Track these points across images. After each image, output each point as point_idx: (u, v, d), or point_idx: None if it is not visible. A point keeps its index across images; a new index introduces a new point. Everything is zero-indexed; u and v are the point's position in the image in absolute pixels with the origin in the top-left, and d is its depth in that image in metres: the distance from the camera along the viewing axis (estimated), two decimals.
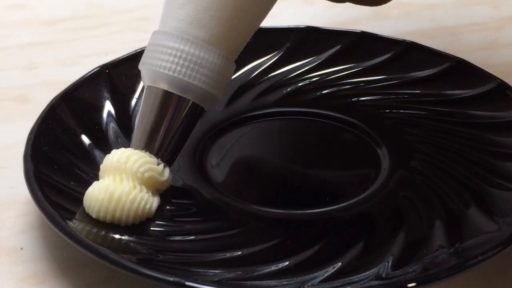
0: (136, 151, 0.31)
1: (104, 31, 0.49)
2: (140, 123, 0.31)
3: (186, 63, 0.30)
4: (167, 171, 0.32)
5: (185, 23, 0.31)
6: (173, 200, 0.32)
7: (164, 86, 0.31)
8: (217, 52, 0.31)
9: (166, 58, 0.31)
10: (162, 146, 0.31)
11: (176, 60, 0.30)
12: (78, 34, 0.49)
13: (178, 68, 0.30)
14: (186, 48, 0.31)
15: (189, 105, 0.31)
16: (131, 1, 0.53)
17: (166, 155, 0.31)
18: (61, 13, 0.51)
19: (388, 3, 0.37)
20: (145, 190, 0.31)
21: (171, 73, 0.31)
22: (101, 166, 0.31)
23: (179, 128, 0.31)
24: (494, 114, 0.36)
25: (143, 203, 0.30)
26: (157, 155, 0.31)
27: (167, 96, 0.31)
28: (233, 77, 0.39)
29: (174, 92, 0.31)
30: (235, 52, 0.32)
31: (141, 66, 0.32)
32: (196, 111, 0.32)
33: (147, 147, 0.31)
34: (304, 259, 0.29)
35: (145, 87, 0.32)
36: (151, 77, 0.31)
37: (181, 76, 0.31)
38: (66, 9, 0.52)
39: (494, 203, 0.31)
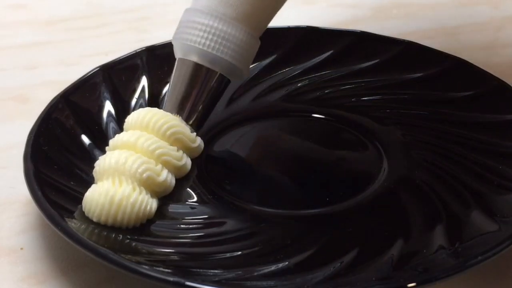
0: (132, 152, 0.31)
1: (104, 31, 0.49)
2: (172, 92, 0.34)
3: (215, 38, 0.33)
4: (165, 172, 0.32)
5: (215, 2, 0.34)
6: (172, 201, 0.32)
7: (194, 58, 0.34)
8: (243, 29, 0.33)
9: (197, 33, 0.33)
10: (191, 113, 0.34)
11: (206, 35, 0.33)
12: (78, 34, 0.49)
13: (208, 43, 0.33)
14: (215, 25, 0.33)
15: (216, 76, 0.34)
16: (131, 1, 0.53)
17: (195, 121, 0.34)
18: (61, 13, 0.52)
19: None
20: (144, 191, 0.31)
21: (201, 46, 0.33)
22: (97, 169, 0.31)
23: (207, 97, 0.34)
24: (494, 114, 0.36)
25: (143, 205, 0.30)
26: (186, 119, 0.34)
27: (197, 68, 0.34)
28: None
29: (204, 64, 0.34)
30: (259, 29, 0.35)
31: (174, 40, 0.34)
32: (223, 83, 0.34)
33: (178, 113, 0.34)
34: (304, 259, 0.29)
35: (177, 59, 0.34)
36: (183, 50, 0.34)
37: (210, 50, 0.33)
38: (66, 9, 0.52)
39: (494, 203, 0.31)
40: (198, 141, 0.34)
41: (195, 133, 0.34)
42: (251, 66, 0.40)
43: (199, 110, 0.34)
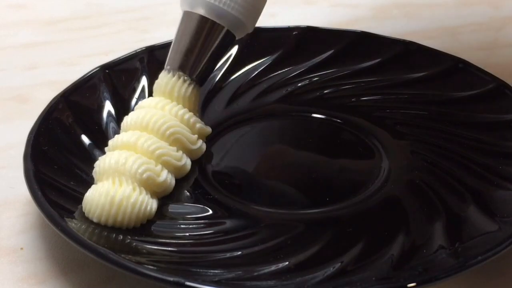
0: (132, 152, 0.31)
1: (104, 31, 0.49)
2: (176, 44, 0.34)
3: None
4: (164, 172, 0.32)
5: None
6: (172, 201, 0.32)
7: (201, 11, 0.33)
8: None
9: None
10: (195, 66, 0.34)
11: None
12: (78, 34, 0.49)
13: None
14: None
15: (223, 31, 0.34)
16: (131, 1, 0.53)
17: (198, 74, 0.34)
18: (61, 13, 0.52)
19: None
20: (144, 192, 0.31)
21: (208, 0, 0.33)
22: (97, 169, 0.31)
23: (212, 51, 0.34)
24: (494, 114, 0.36)
25: (144, 205, 0.30)
26: (190, 74, 0.34)
27: (203, 21, 0.33)
28: (233, 77, 0.40)
29: (210, 17, 0.33)
30: None
31: None
32: (228, 38, 0.34)
33: (181, 67, 0.34)
34: (304, 259, 0.29)
35: (183, 12, 0.34)
36: (190, 3, 0.34)
37: (217, 3, 0.33)
38: (66, 9, 0.52)
39: (494, 203, 0.31)
40: (199, 143, 0.34)
41: (196, 135, 0.34)
42: (251, 66, 0.40)
43: (203, 64, 0.34)
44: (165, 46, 0.40)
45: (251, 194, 0.33)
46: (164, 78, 0.34)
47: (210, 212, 0.32)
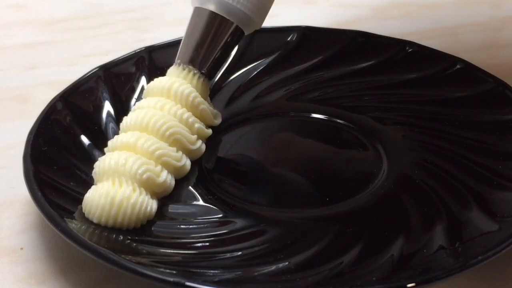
0: (131, 153, 0.31)
1: (104, 31, 0.49)
2: (187, 39, 0.35)
3: None
4: (164, 173, 0.32)
5: None
6: (172, 201, 0.32)
7: (211, 7, 0.34)
8: None
9: None
10: (205, 60, 0.35)
11: None
12: (78, 34, 0.49)
13: None
14: None
15: (232, 27, 0.35)
16: (131, 1, 0.53)
17: (208, 68, 0.35)
18: (61, 13, 0.52)
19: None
20: (144, 192, 0.31)
21: None
22: (97, 170, 0.31)
23: (221, 46, 0.35)
24: (494, 114, 0.36)
25: (144, 206, 0.30)
26: (200, 68, 0.35)
27: (213, 16, 0.34)
28: (233, 76, 0.40)
29: (220, 13, 0.34)
30: None
31: None
32: (237, 33, 0.35)
33: (191, 61, 0.35)
34: (304, 259, 0.29)
35: (194, 8, 0.35)
36: None
37: (227, 0, 0.34)
38: (66, 9, 0.52)
39: (494, 203, 0.31)
40: (199, 144, 0.34)
41: (195, 136, 0.34)
42: (251, 66, 0.40)
43: (213, 58, 0.35)
44: (165, 46, 0.40)
45: (251, 194, 0.33)
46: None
47: (210, 212, 0.32)
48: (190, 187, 0.33)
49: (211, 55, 0.35)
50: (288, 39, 0.41)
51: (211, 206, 0.32)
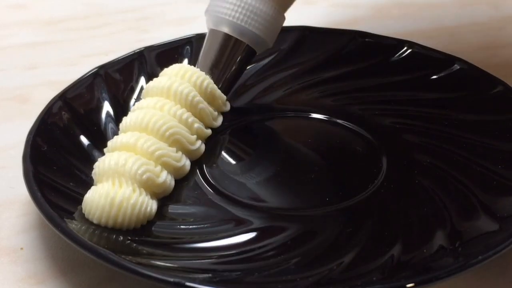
0: (131, 153, 0.31)
1: (104, 31, 0.49)
2: (203, 60, 0.37)
3: (244, 12, 0.36)
4: (164, 173, 0.32)
5: None
6: (172, 201, 0.32)
7: (225, 29, 0.36)
8: (270, 4, 0.36)
9: (228, 6, 0.36)
10: (220, 79, 0.37)
11: (236, 8, 0.36)
12: (78, 34, 0.49)
13: (238, 15, 0.36)
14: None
15: (244, 47, 0.37)
16: (131, 1, 0.53)
17: (222, 86, 0.37)
18: (61, 13, 0.52)
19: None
20: (144, 193, 0.31)
21: (231, 19, 0.36)
22: (97, 170, 0.31)
23: (235, 65, 0.37)
24: (493, 114, 0.36)
25: (144, 206, 0.30)
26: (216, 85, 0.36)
27: (227, 38, 0.36)
28: None
29: (233, 35, 0.36)
30: (285, 6, 0.38)
31: (206, 13, 0.37)
32: (249, 53, 0.37)
33: None
34: (304, 259, 0.29)
35: (208, 30, 0.37)
36: (215, 22, 0.37)
37: (239, 22, 0.36)
38: (66, 9, 0.52)
39: (494, 203, 0.31)
40: (198, 144, 0.34)
41: (195, 136, 0.34)
42: (251, 66, 0.40)
43: (227, 76, 0.37)
44: (165, 46, 0.40)
45: (251, 194, 0.33)
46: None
47: (210, 213, 0.32)
48: (190, 188, 0.33)
49: (226, 74, 0.37)
50: (288, 39, 0.41)
51: (210, 206, 0.32)
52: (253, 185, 0.34)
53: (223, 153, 0.36)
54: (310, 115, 0.38)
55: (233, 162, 0.36)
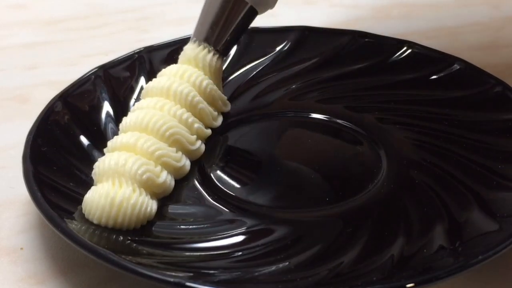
0: (131, 153, 0.31)
1: (104, 31, 0.49)
2: (203, 17, 0.36)
3: None
4: (164, 173, 0.32)
5: None
6: (172, 201, 0.32)
7: None
8: None
9: None
10: (219, 38, 0.36)
11: None
12: (78, 34, 0.49)
13: None
14: None
15: (246, 7, 0.36)
16: (131, 1, 0.53)
17: (222, 46, 0.36)
18: (61, 13, 0.52)
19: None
20: (144, 193, 0.31)
21: None
22: (97, 170, 0.31)
23: (236, 25, 0.36)
24: (493, 114, 0.36)
25: (144, 207, 0.30)
26: (214, 45, 0.36)
27: None
28: (233, 76, 0.40)
29: None
30: None
31: None
32: (251, 13, 0.36)
33: (207, 39, 0.36)
34: (304, 259, 0.29)
35: None
36: None
37: None
38: (66, 9, 0.52)
39: (494, 203, 0.31)
40: (198, 144, 0.34)
41: (195, 136, 0.34)
42: (251, 66, 0.40)
43: (227, 36, 0.36)
44: (165, 46, 0.40)
45: (250, 194, 0.33)
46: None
47: (210, 213, 0.32)
48: (189, 188, 0.33)
49: (226, 33, 0.36)
50: (288, 39, 0.41)
51: (210, 206, 0.32)
52: (253, 185, 0.34)
53: (223, 153, 0.36)
54: (310, 115, 0.38)
55: (232, 162, 0.36)
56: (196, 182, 0.33)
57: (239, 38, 0.37)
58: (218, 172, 0.34)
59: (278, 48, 0.41)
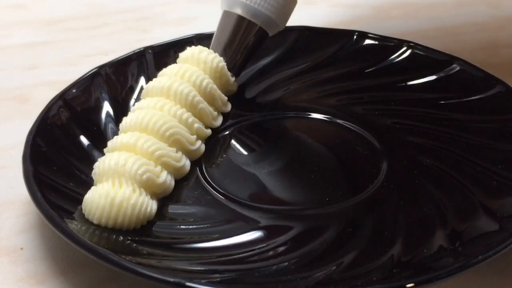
0: (131, 153, 0.31)
1: (104, 31, 0.49)
2: (216, 41, 0.38)
3: None
4: (164, 173, 0.32)
5: None
6: (172, 201, 0.32)
7: (238, 11, 0.37)
8: None
9: None
10: (233, 60, 0.38)
11: None
12: (78, 34, 0.49)
13: None
14: None
15: (256, 28, 0.38)
16: (131, 1, 0.53)
17: (235, 67, 0.38)
18: (61, 13, 0.52)
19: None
20: (144, 193, 0.31)
21: (245, 1, 0.37)
22: (97, 170, 0.31)
23: (247, 46, 0.38)
24: (493, 114, 0.36)
25: (144, 207, 0.30)
26: (228, 66, 0.37)
27: (240, 20, 0.38)
28: None
29: (246, 17, 0.37)
30: None
31: None
32: (262, 35, 0.38)
33: None
34: (304, 259, 0.29)
35: (222, 11, 0.38)
36: (229, 3, 0.38)
37: (252, 4, 0.37)
38: (66, 9, 0.52)
39: (494, 203, 0.31)
40: (198, 144, 0.34)
41: (195, 136, 0.34)
42: (251, 66, 0.40)
43: (240, 57, 0.38)
44: (165, 46, 0.40)
45: (251, 194, 0.33)
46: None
47: (210, 213, 0.32)
48: (190, 188, 0.33)
49: (238, 55, 0.38)
50: (288, 39, 0.41)
51: (210, 206, 0.32)
52: (252, 185, 0.34)
53: (223, 153, 0.36)
54: (310, 115, 0.38)
55: (233, 162, 0.36)
56: (196, 182, 0.33)
57: (251, 58, 0.39)
58: (218, 172, 0.34)
59: (278, 48, 0.41)
